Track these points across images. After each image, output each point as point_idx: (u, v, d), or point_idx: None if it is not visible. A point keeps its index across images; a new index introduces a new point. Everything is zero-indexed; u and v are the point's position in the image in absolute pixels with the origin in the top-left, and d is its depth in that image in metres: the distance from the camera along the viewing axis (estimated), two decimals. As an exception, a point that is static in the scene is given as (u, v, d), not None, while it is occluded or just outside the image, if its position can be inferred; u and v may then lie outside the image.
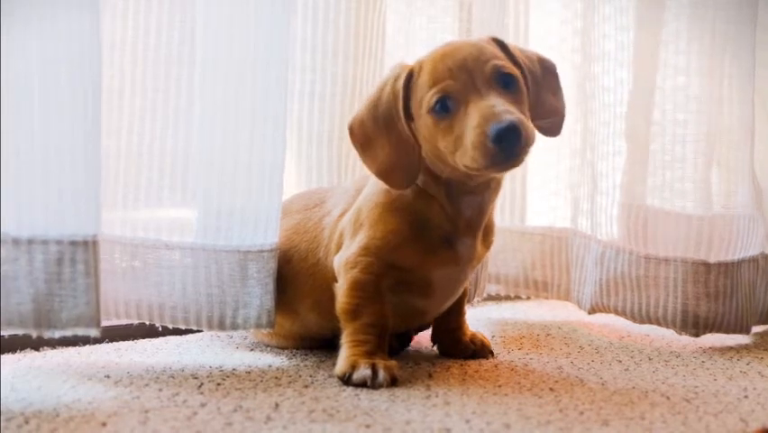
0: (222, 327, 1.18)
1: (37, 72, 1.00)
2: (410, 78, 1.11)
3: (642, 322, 1.46)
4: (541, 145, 1.68)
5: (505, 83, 1.08)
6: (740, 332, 1.44)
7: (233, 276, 1.18)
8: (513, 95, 1.08)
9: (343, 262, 1.14)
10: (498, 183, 1.16)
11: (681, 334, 1.43)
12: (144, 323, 1.22)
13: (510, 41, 1.55)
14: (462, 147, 1.04)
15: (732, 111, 1.46)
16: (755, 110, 1.51)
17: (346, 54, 1.39)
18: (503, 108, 1.03)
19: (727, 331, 1.43)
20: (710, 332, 1.42)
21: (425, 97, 1.08)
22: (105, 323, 1.28)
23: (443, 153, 1.08)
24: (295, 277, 1.21)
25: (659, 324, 1.44)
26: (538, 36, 1.66)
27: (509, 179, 1.62)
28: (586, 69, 1.54)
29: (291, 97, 1.37)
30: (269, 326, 1.19)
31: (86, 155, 1.02)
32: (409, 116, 1.11)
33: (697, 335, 1.42)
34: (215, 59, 1.17)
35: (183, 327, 1.20)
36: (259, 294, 1.18)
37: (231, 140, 1.17)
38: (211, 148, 1.17)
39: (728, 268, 1.43)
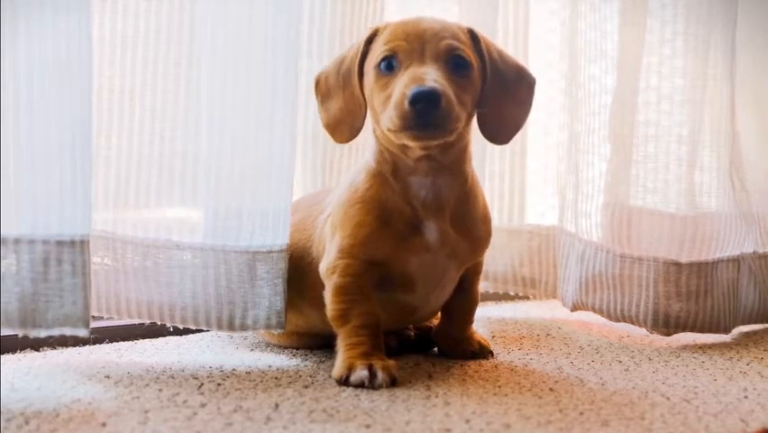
0: (231, 327, 1.19)
1: (24, 72, 0.99)
2: (374, 36, 1.13)
3: (617, 320, 1.47)
4: (538, 146, 1.70)
5: (455, 65, 1.09)
6: (717, 332, 1.45)
7: (242, 277, 1.18)
8: (458, 78, 1.08)
9: (324, 268, 1.15)
10: (457, 169, 1.15)
11: (652, 333, 1.45)
12: (144, 323, 1.23)
13: (501, 39, 1.57)
14: (388, 108, 1.06)
15: (712, 112, 1.48)
16: (745, 109, 1.52)
17: (332, 54, 1.39)
18: (432, 77, 1.04)
19: (702, 331, 1.44)
20: (683, 331, 1.43)
21: (376, 53, 1.10)
22: (107, 323, 1.29)
23: (378, 114, 1.09)
24: (296, 273, 1.21)
25: (632, 322, 1.46)
26: (536, 36, 1.67)
27: (499, 178, 1.63)
28: (573, 72, 1.54)
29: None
30: (279, 327, 1.19)
31: (74, 156, 1.02)
32: (363, 74, 1.14)
33: (668, 334, 1.43)
34: (224, 59, 1.17)
35: (193, 328, 1.21)
36: (268, 295, 1.18)
37: (239, 140, 1.17)
38: (220, 148, 1.18)
39: (701, 268, 1.44)
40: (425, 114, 1.02)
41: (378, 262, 1.14)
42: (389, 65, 1.09)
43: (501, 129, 1.17)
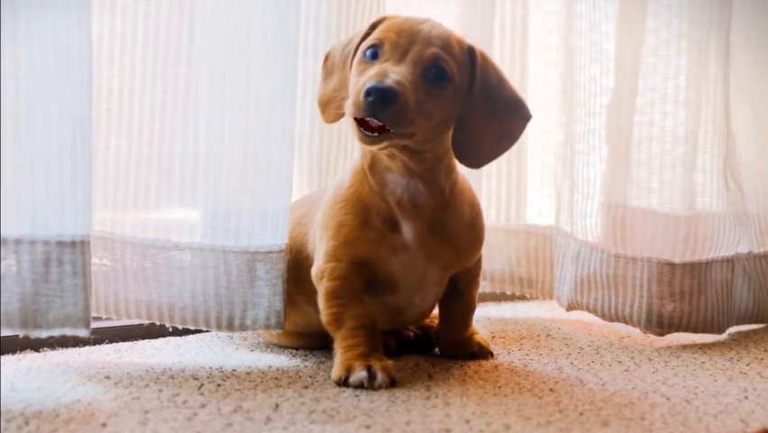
0: (231, 327, 1.19)
1: (24, 72, 0.99)
2: (379, 23, 1.13)
3: (611, 320, 1.48)
4: (536, 146, 1.70)
5: (435, 75, 1.07)
6: (711, 332, 1.46)
7: (242, 277, 1.18)
8: (433, 87, 1.07)
9: (314, 273, 1.16)
10: (431, 179, 1.13)
11: (645, 333, 1.45)
12: (144, 323, 1.23)
13: (499, 40, 1.57)
14: (352, 94, 1.06)
15: (707, 113, 1.48)
16: (741, 110, 1.53)
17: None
18: (397, 77, 1.03)
19: (695, 331, 1.45)
20: (676, 331, 1.44)
21: (369, 39, 1.10)
22: (108, 323, 1.29)
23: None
24: (294, 268, 1.22)
25: (626, 322, 1.46)
26: (535, 36, 1.66)
27: (496, 177, 1.63)
28: (570, 72, 1.54)
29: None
30: (278, 327, 1.19)
31: (74, 156, 1.02)
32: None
33: (661, 334, 1.44)
34: (223, 59, 1.17)
35: (193, 328, 1.21)
36: (267, 295, 1.18)
37: (238, 140, 1.17)
38: (219, 148, 1.18)
39: (695, 268, 1.44)
40: (372, 107, 1.01)
41: (361, 261, 1.14)
42: (374, 53, 1.08)
43: (474, 153, 1.14)
